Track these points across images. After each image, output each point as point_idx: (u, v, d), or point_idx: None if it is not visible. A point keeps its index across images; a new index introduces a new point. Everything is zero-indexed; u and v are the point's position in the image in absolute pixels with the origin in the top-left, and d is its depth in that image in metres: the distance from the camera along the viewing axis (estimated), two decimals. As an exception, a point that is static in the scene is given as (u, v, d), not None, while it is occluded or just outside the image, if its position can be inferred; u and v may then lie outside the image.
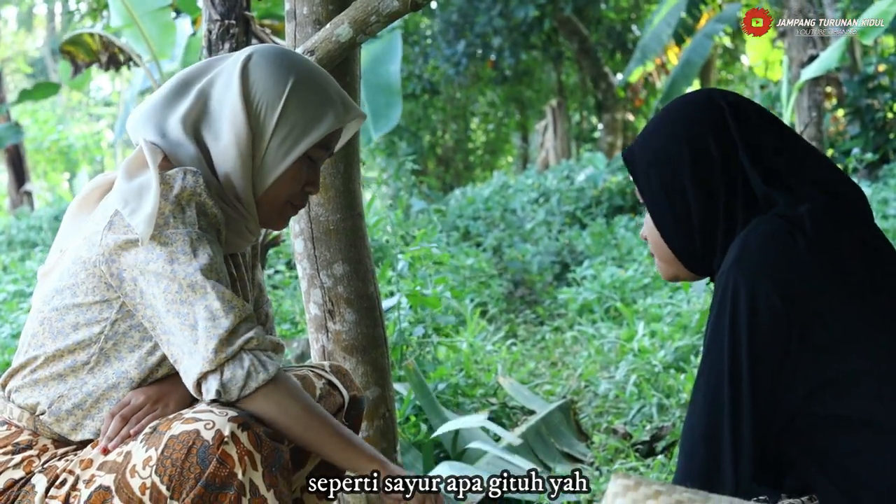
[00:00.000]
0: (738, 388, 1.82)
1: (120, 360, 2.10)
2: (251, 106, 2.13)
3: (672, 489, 1.39)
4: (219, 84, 2.16)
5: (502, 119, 24.14)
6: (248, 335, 2.03)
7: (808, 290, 1.82)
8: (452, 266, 8.60)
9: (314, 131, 2.16)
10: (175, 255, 2.01)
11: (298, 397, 2.08)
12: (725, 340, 1.83)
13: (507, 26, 17.50)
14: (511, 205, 12.93)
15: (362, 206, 3.12)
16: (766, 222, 1.88)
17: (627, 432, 4.82)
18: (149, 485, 1.94)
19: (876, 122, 10.79)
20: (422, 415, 4.47)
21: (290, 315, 6.81)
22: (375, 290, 3.15)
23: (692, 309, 6.34)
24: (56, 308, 2.11)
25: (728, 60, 20.92)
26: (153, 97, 2.21)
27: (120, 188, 2.07)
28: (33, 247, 13.11)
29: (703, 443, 1.84)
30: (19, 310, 6.93)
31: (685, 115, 2.02)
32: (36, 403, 2.12)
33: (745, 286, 1.81)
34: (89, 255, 2.06)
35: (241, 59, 2.17)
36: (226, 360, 2.00)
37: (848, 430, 1.83)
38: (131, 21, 7.33)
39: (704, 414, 1.85)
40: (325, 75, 2.26)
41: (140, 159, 2.10)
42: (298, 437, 2.09)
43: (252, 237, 2.26)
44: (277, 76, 2.15)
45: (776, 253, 1.84)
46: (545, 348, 7.02)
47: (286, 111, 2.14)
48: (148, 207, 2.01)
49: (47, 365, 2.12)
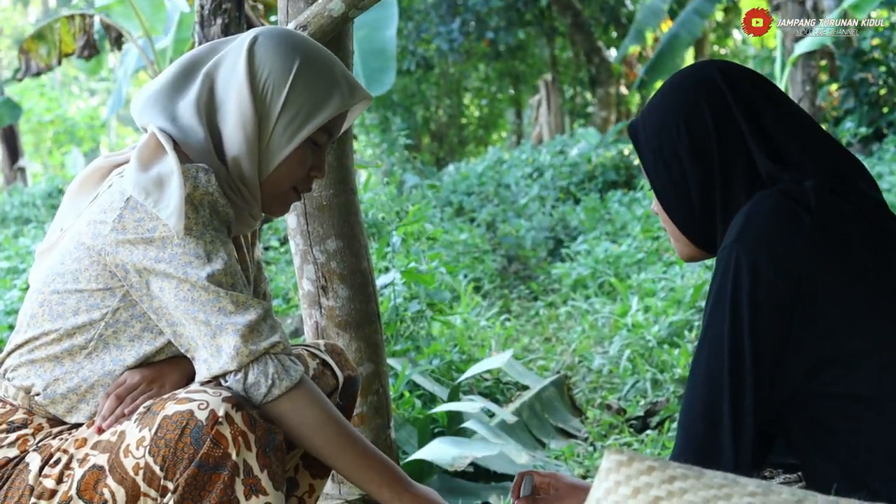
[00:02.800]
0: (739, 364, 1.80)
1: (119, 349, 2.09)
2: (257, 88, 2.11)
3: (666, 465, 1.39)
4: (224, 67, 2.14)
5: (496, 94, 24.12)
6: (273, 339, 2.03)
7: (811, 268, 1.80)
8: (446, 242, 8.60)
9: (320, 113, 2.14)
10: (188, 257, 1.99)
11: (321, 403, 2.08)
12: (727, 315, 1.81)
13: (503, 4, 17.46)
14: (505, 180, 12.92)
15: (355, 181, 3.11)
16: (770, 197, 1.86)
17: (621, 407, 4.83)
18: (142, 465, 1.94)
19: (870, 97, 10.80)
20: (416, 391, 4.48)
21: (283, 291, 6.81)
22: (369, 266, 3.14)
23: (686, 284, 6.35)
24: (57, 291, 2.10)
25: (721, 35, 20.89)
26: (158, 81, 2.19)
27: (136, 178, 2.03)
28: (27, 223, 13.11)
29: (703, 418, 1.83)
30: (13, 286, 6.92)
31: (680, 85, 2.02)
32: (31, 385, 2.12)
33: (748, 261, 1.80)
34: (94, 243, 2.04)
35: (246, 41, 2.15)
36: (250, 360, 2.00)
37: (849, 408, 1.82)
38: (121, -2, 7.30)
39: (704, 389, 1.84)
40: (331, 57, 2.23)
41: (153, 147, 2.07)
42: (317, 449, 2.09)
43: (254, 222, 2.25)
44: (283, 58, 2.13)
45: (779, 229, 1.82)
46: (539, 324, 7.02)
47: (292, 93, 2.12)
48: (175, 200, 1.99)
49: (45, 346, 2.11)
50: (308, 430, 2.07)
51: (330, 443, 2.08)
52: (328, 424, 2.08)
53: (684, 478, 1.36)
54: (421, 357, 4.89)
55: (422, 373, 4.59)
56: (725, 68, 2.01)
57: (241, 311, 2.01)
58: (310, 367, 2.38)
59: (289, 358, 2.06)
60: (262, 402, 2.02)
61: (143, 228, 2.00)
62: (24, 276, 7.39)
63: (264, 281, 2.50)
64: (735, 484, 1.35)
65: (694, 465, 1.38)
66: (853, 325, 1.81)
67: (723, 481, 1.36)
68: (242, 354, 2.00)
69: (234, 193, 2.14)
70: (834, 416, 1.83)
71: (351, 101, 2.19)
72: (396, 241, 5.67)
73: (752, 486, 1.34)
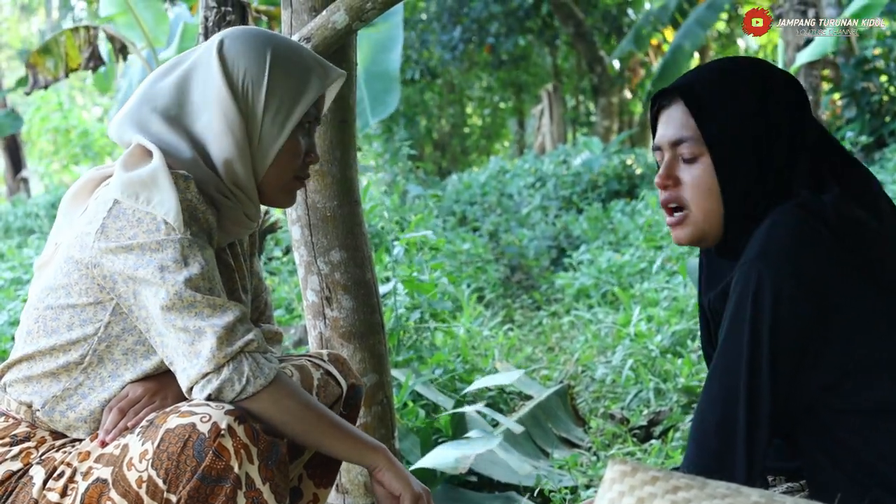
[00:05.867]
0: (756, 379, 1.80)
1: (114, 363, 2.10)
2: (237, 89, 2.11)
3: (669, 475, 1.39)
4: (197, 75, 2.14)
5: (498, 104, 24.12)
6: (247, 337, 2.04)
7: (832, 284, 1.80)
8: (449, 251, 8.59)
9: (303, 98, 2.16)
10: (166, 262, 1.99)
11: (295, 396, 2.09)
12: (746, 331, 1.81)
13: (503, 10, 17.48)
14: (508, 189, 12.92)
15: (359, 192, 3.12)
16: (790, 213, 1.85)
17: (625, 417, 4.82)
18: (145, 478, 1.94)
19: (872, 106, 10.79)
20: (419, 400, 4.48)
21: (286, 301, 6.81)
22: (373, 277, 3.15)
23: (689, 293, 6.34)
24: (51, 307, 2.11)
25: (724, 44, 20.91)
26: (131, 99, 2.20)
27: (123, 181, 2.03)
28: (30, 234, 13.11)
29: (717, 433, 1.83)
30: (16, 297, 6.92)
31: (761, 73, 1.99)
32: (30, 402, 2.13)
33: (769, 278, 1.79)
34: (81, 255, 2.05)
35: (213, 45, 2.15)
36: (225, 360, 2.00)
37: (862, 418, 1.82)
38: (125, 9, 7.31)
39: (720, 404, 1.83)
40: (298, 43, 2.27)
41: (138, 154, 2.08)
42: (297, 435, 2.11)
43: (252, 223, 2.25)
44: (255, 53, 2.14)
45: (801, 246, 1.81)
46: (542, 333, 7.02)
47: (272, 85, 2.13)
48: (169, 195, 2.00)
49: (41, 362, 2.11)
50: (287, 419, 2.07)
51: (311, 428, 2.10)
52: (305, 412, 2.09)
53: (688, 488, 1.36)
54: (424, 367, 4.89)
55: (425, 383, 4.59)
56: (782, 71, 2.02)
57: (218, 314, 2.01)
58: (313, 377, 2.39)
59: (263, 356, 2.06)
60: (236, 400, 2.02)
61: (124, 236, 2.00)
62: (28, 287, 7.40)
63: (265, 290, 2.50)
64: (738, 494, 1.36)
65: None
66: (873, 337, 1.81)
67: (726, 491, 1.36)
68: (218, 356, 1.99)
69: (223, 198, 2.14)
70: (845, 426, 1.84)
71: (328, 80, 2.21)
72: (399, 251, 5.67)
73: (756, 495, 1.35)
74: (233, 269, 2.26)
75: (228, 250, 2.27)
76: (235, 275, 2.26)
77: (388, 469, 2.16)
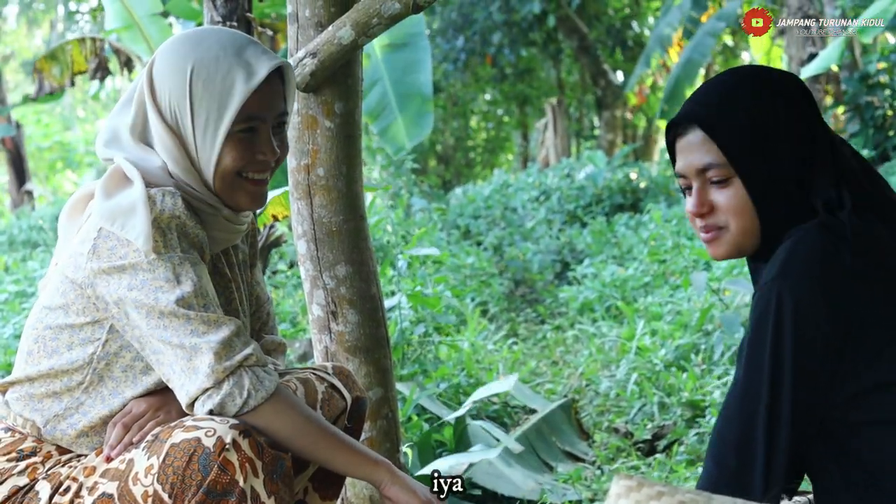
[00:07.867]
0: (777, 400, 1.80)
1: (114, 381, 2.11)
2: (165, 114, 2.13)
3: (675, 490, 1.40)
4: (140, 97, 2.17)
5: (502, 117, 24.15)
6: (246, 351, 2.04)
7: (853, 303, 1.80)
8: (453, 265, 8.60)
9: (228, 108, 2.10)
10: (158, 281, 2.00)
11: (297, 409, 2.10)
12: (767, 350, 1.80)
13: (506, 22, 17.49)
14: (511, 203, 12.93)
15: (364, 207, 3.13)
16: (810, 232, 1.85)
17: (629, 431, 4.83)
18: (151, 492, 1.95)
19: (875, 120, 10.79)
20: (424, 414, 4.48)
21: (291, 315, 6.82)
22: (378, 292, 3.16)
23: (692, 307, 6.35)
24: (50, 326, 2.12)
25: (729, 58, 20.92)
26: (109, 116, 2.23)
27: (102, 207, 2.05)
28: (35, 247, 13.12)
29: (735, 453, 1.82)
30: (21, 310, 6.94)
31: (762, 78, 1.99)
32: (33, 420, 2.14)
33: (791, 299, 1.79)
34: (76, 276, 2.06)
35: (147, 68, 2.18)
36: (225, 374, 2.01)
37: (879, 434, 1.82)
38: (130, 23, 7.33)
39: (739, 423, 1.83)
40: (228, 43, 2.15)
41: (117, 177, 2.09)
42: (300, 449, 2.11)
43: (237, 227, 2.24)
44: (176, 73, 2.12)
45: (822, 266, 1.81)
46: (546, 347, 7.02)
47: (194, 101, 2.11)
48: (141, 222, 2.00)
49: (43, 383, 2.13)
50: (289, 433, 2.08)
51: (312, 443, 2.11)
52: (306, 426, 2.10)
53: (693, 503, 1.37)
54: (428, 381, 4.90)
55: (429, 396, 4.60)
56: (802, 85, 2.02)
57: (213, 330, 2.02)
58: (318, 391, 2.39)
59: (263, 369, 2.07)
60: (239, 414, 2.02)
61: (115, 256, 2.02)
62: (33, 300, 7.41)
63: (268, 301, 2.50)
64: (743, 510, 1.36)
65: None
66: (892, 355, 1.82)
67: (731, 507, 1.37)
68: (217, 371, 2.00)
69: (201, 203, 2.14)
70: (861, 442, 1.83)
71: (253, 82, 2.11)
72: (403, 265, 5.68)
73: (761, 512, 1.35)
74: (229, 278, 2.26)
75: (223, 259, 2.27)
76: (231, 284, 2.27)
77: (394, 483, 2.17)
